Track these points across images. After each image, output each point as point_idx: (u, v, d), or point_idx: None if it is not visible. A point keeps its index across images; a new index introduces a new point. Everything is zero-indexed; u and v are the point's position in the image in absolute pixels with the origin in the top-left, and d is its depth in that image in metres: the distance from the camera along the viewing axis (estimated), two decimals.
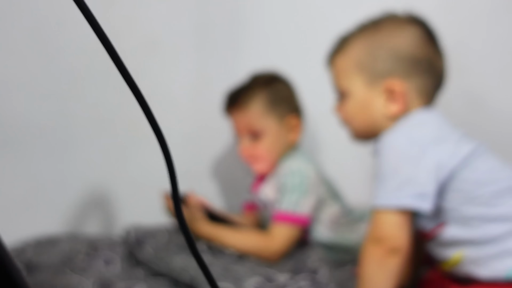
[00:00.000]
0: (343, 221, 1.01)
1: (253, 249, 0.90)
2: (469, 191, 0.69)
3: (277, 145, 1.01)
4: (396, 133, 0.72)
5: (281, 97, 1.02)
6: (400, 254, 0.67)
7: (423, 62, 0.75)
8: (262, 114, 1.00)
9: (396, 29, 0.76)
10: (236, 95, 1.02)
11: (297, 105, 1.05)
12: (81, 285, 0.77)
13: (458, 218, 0.69)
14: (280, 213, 0.94)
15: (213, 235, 0.91)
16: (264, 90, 1.01)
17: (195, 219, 0.92)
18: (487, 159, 0.72)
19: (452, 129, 0.74)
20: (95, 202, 1.22)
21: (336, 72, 0.81)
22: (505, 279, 0.67)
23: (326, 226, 0.99)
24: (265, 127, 1.00)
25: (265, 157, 1.01)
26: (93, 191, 1.21)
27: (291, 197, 0.94)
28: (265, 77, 1.04)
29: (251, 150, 1.01)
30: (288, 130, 1.02)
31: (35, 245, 0.96)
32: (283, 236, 0.91)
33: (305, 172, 0.97)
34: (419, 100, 0.76)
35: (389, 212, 0.67)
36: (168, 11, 1.20)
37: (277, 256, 0.90)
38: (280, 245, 0.90)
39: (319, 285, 0.81)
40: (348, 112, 0.79)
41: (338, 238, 0.99)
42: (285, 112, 1.01)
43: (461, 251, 0.70)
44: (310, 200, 0.95)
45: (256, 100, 1.00)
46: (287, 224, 0.92)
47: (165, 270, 0.82)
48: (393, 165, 0.68)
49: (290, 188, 0.95)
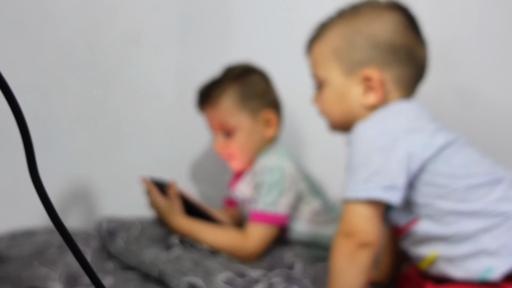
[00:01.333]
0: (323, 218, 0.98)
1: (228, 248, 0.88)
2: (443, 185, 0.66)
3: (252, 142, 0.98)
4: (368, 123, 0.69)
5: (254, 91, 0.98)
6: (371, 248, 0.65)
7: (403, 50, 0.72)
8: (233, 110, 0.96)
9: (375, 15, 0.73)
10: (207, 90, 0.99)
11: (273, 99, 1.01)
12: (47, 277, 0.75)
13: (432, 213, 0.67)
14: (256, 212, 0.91)
15: (188, 230, 0.89)
16: (236, 85, 0.97)
17: (172, 211, 0.90)
18: (464, 153, 0.69)
19: (430, 121, 0.71)
20: (77, 196, 1.20)
21: (314, 60, 0.78)
22: (480, 280, 0.64)
23: (306, 223, 0.97)
24: (237, 123, 0.96)
25: (239, 155, 0.98)
26: (74, 184, 1.19)
27: (268, 196, 0.91)
28: (237, 70, 1.00)
29: (225, 148, 0.99)
30: (264, 126, 0.99)
31: (9, 238, 0.95)
32: (259, 236, 0.89)
33: (284, 169, 0.94)
34: (398, 90, 0.73)
35: (358, 205, 0.65)
36: (151, 3, 1.18)
37: (252, 256, 0.88)
38: (255, 246, 0.88)
39: (292, 280, 0.78)
40: (326, 101, 0.76)
41: (318, 235, 0.96)
42: (259, 107, 0.98)
43: (436, 250, 0.67)
44: (288, 198, 0.93)
45: (227, 95, 0.97)
46: (263, 223, 0.90)
47: (134, 263, 0.81)
48: (364, 156, 0.66)
49: (268, 186, 0.92)
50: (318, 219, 0.97)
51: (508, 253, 0.63)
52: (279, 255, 0.88)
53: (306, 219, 0.97)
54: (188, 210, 0.93)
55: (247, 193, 0.97)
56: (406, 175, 0.65)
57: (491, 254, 0.63)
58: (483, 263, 0.64)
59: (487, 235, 0.64)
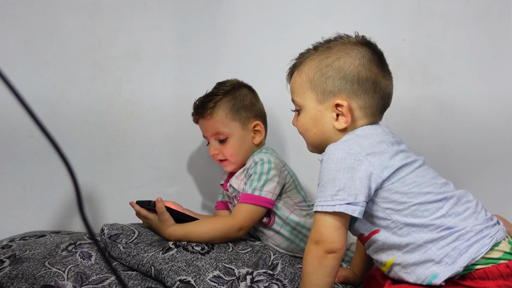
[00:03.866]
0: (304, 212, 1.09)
1: (221, 230, 0.98)
2: (399, 202, 0.75)
3: (243, 147, 1.11)
4: (337, 145, 0.78)
5: (244, 103, 1.11)
6: (337, 254, 0.74)
7: (369, 82, 0.81)
8: (226, 120, 1.09)
9: (345, 50, 0.82)
10: (202, 104, 1.11)
11: (260, 110, 1.14)
12: (58, 276, 0.85)
13: (389, 226, 0.76)
14: (244, 195, 1.03)
15: (182, 234, 0.98)
16: (227, 98, 1.10)
17: (163, 224, 0.99)
18: (419, 174, 0.78)
19: (391, 144, 0.80)
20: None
21: (292, 88, 0.88)
22: (427, 284, 0.74)
23: (289, 213, 1.07)
24: (230, 131, 1.10)
25: (232, 158, 1.11)
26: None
27: (256, 183, 1.03)
28: (228, 85, 1.13)
29: (219, 153, 1.11)
30: (253, 133, 1.12)
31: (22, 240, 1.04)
32: (245, 213, 1.00)
33: (272, 161, 1.06)
34: (366, 116, 0.82)
35: (327, 216, 0.75)
36: (150, 23, 1.27)
37: (241, 231, 0.99)
38: (242, 220, 0.99)
39: (275, 280, 0.88)
40: (303, 125, 0.86)
41: (299, 225, 1.07)
42: (248, 117, 1.11)
43: (393, 258, 0.77)
44: (273, 185, 1.04)
45: (220, 108, 1.10)
46: (249, 203, 1.01)
47: (134, 265, 0.91)
48: (332, 175, 0.75)
49: (257, 175, 1.04)
50: (299, 212, 1.08)
51: (451, 261, 0.73)
52: (265, 256, 0.98)
53: (290, 210, 1.07)
54: (177, 219, 1.01)
55: (238, 187, 1.09)
56: (367, 192, 0.74)
57: (437, 262, 0.73)
58: (430, 270, 0.73)
59: (434, 246, 0.74)
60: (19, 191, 1.27)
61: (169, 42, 1.27)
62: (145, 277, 0.90)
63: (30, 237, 1.06)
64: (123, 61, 1.27)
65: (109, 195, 1.29)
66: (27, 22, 1.25)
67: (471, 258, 0.72)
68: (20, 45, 1.25)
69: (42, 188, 1.27)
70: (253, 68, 1.28)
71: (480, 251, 0.72)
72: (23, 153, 1.26)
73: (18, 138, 1.25)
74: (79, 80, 1.27)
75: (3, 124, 1.24)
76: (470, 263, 0.72)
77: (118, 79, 1.28)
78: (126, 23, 1.26)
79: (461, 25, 1.25)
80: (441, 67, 1.27)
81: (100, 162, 1.28)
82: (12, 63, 1.24)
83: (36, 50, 1.25)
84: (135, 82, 1.28)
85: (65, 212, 1.28)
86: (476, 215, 0.76)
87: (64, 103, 1.27)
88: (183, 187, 1.31)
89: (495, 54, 1.25)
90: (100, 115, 1.28)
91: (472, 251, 0.72)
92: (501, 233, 0.76)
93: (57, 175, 1.27)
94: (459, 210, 0.76)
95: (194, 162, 1.32)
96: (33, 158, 1.26)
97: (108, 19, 1.26)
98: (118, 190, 1.29)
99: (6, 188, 1.26)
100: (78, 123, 1.27)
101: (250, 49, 1.28)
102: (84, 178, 1.27)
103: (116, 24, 1.26)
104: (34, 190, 1.27)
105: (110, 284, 0.85)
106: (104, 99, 1.28)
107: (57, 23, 1.25)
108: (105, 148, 1.29)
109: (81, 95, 1.27)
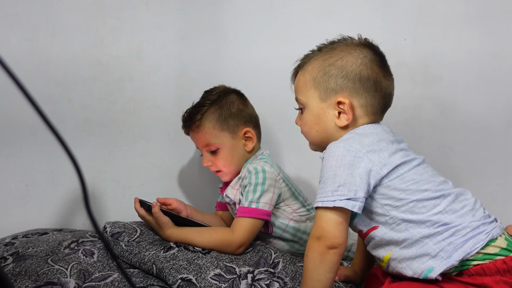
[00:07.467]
0: (303, 217, 1.09)
1: (219, 242, 0.97)
2: (397, 198, 0.77)
3: (235, 157, 1.10)
4: (338, 143, 0.79)
5: (231, 112, 1.09)
6: (339, 249, 0.75)
7: (370, 81, 0.83)
8: (214, 132, 1.08)
9: (348, 51, 0.85)
10: (189, 117, 1.11)
11: (249, 115, 1.12)
12: (61, 273, 0.86)
13: (387, 222, 0.78)
14: (241, 208, 1.02)
15: (181, 238, 0.98)
16: (213, 108, 1.09)
17: (161, 228, 0.99)
18: (418, 172, 0.79)
19: (391, 143, 0.81)
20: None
21: (296, 86, 0.90)
22: (423, 278, 0.75)
23: (288, 221, 1.07)
24: (220, 142, 1.08)
25: (225, 169, 1.10)
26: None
27: (252, 195, 1.02)
28: (214, 94, 1.11)
29: (212, 164, 1.11)
30: (244, 141, 1.10)
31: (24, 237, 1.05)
32: (244, 228, 0.98)
33: (266, 172, 1.05)
34: (367, 115, 0.84)
35: (328, 212, 0.76)
36: (151, 22, 1.28)
37: (241, 247, 0.97)
38: (242, 236, 0.97)
39: (276, 278, 0.89)
40: (306, 123, 0.87)
41: (299, 232, 1.07)
42: (236, 125, 1.09)
43: (390, 253, 0.78)
44: (269, 196, 1.03)
45: (206, 119, 1.08)
46: (248, 217, 1.00)
47: (136, 262, 0.91)
48: (333, 171, 0.76)
49: (252, 187, 1.03)
50: (299, 218, 1.08)
51: (447, 256, 0.74)
52: (266, 254, 0.98)
53: (289, 218, 1.07)
54: (176, 221, 1.02)
55: (234, 197, 1.08)
56: (367, 188, 0.76)
57: (433, 256, 0.74)
58: (426, 264, 0.74)
59: (430, 241, 0.75)
60: (21, 189, 1.27)
61: (171, 41, 1.28)
62: (147, 275, 0.90)
63: (33, 235, 1.07)
64: (125, 60, 1.28)
65: (111, 193, 1.30)
66: (29, 21, 1.25)
67: (466, 252, 0.73)
68: (22, 44, 1.25)
69: (45, 186, 1.27)
70: (255, 67, 1.28)
71: (476, 246, 0.73)
72: (25, 150, 1.26)
73: (20, 135, 1.25)
74: (81, 79, 1.27)
75: (5, 121, 1.25)
76: (465, 257, 0.73)
77: (120, 77, 1.28)
78: (128, 22, 1.27)
79: (462, 25, 1.26)
80: (442, 67, 1.28)
81: (102, 160, 1.29)
82: (15, 62, 1.25)
83: (38, 49, 1.26)
84: (137, 80, 1.29)
85: (67, 209, 1.28)
86: (473, 212, 0.77)
87: (66, 102, 1.27)
88: (184, 186, 1.32)
89: (496, 54, 1.25)
90: (102, 113, 1.28)
91: (467, 246, 0.73)
92: (498, 230, 0.77)
93: (60, 173, 1.28)
94: (457, 207, 0.77)
95: (195, 161, 1.33)
96: (35, 156, 1.26)
97: (111, 18, 1.26)
98: (120, 189, 1.30)
99: (8, 186, 1.27)
100: (80, 122, 1.28)
101: (252, 48, 1.28)
102: (86, 176, 1.25)
103: (118, 23, 1.27)
104: (36, 187, 1.28)
105: (113, 282, 0.85)
106: (106, 97, 1.28)
107: (60, 22, 1.26)
108: (107, 146, 1.29)
109: (83, 94, 1.28)
